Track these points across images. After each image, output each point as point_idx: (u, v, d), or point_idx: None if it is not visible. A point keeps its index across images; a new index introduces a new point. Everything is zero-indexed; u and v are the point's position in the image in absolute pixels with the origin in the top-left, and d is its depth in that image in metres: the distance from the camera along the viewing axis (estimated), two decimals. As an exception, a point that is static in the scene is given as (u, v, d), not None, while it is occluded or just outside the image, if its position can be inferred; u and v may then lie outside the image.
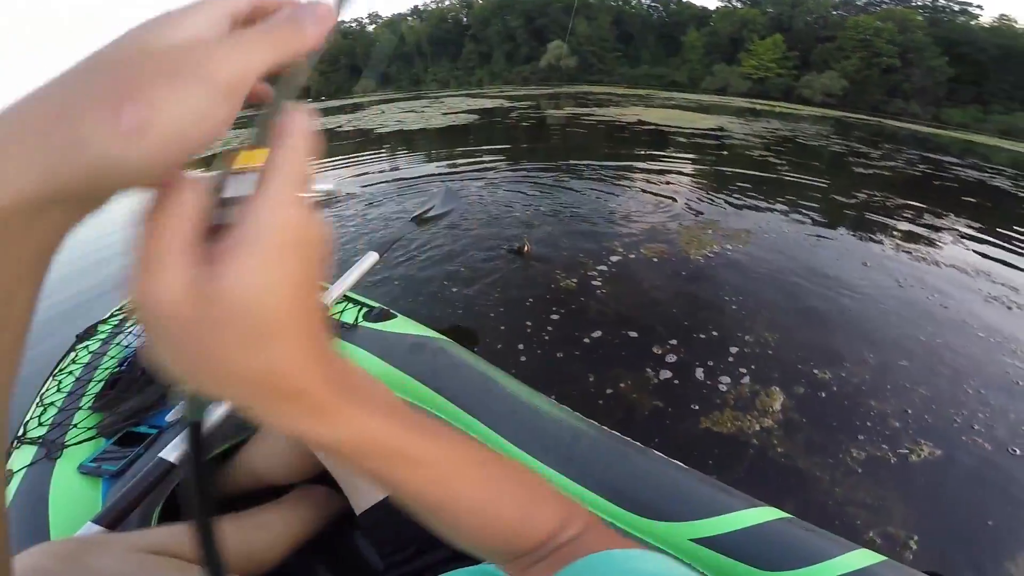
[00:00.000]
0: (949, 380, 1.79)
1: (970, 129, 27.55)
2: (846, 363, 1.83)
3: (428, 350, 0.92)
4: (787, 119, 13.58)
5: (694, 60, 44.41)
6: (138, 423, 0.83)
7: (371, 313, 1.03)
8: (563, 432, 0.76)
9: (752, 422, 1.51)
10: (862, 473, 1.37)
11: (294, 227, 0.18)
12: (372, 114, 13.68)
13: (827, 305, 2.27)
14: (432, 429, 0.29)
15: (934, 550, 1.18)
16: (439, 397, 0.84)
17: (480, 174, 4.72)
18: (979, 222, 4.00)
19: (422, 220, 1.60)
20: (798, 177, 5.30)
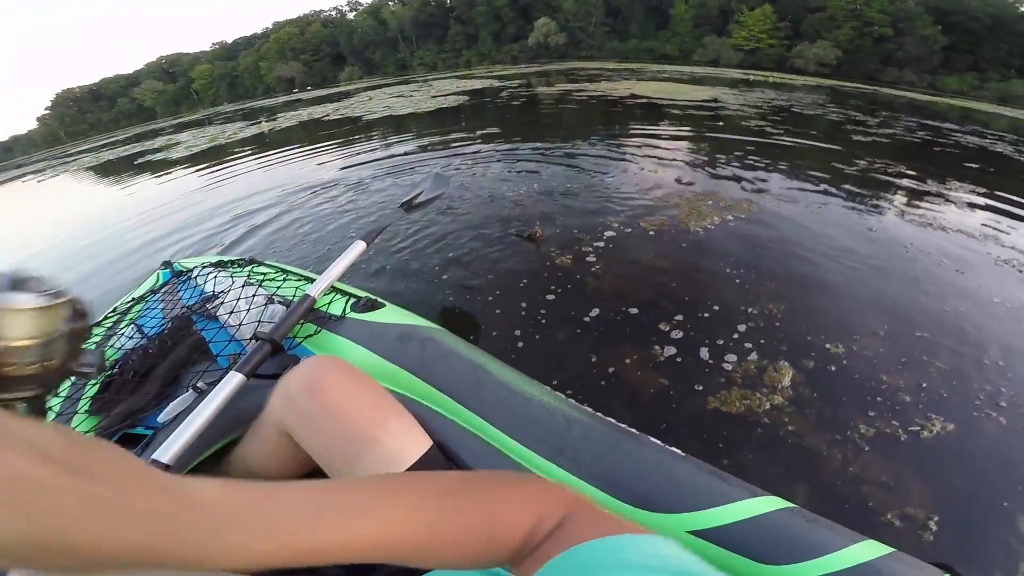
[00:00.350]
0: (966, 350, 1.70)
1: (967, 96, 27.31)
2: (856, 335, 1.74)
3: (416, 339, 0.88)
4: (781, 89, 13.36)
5: (684, 32, 43.75)
6: (133, 425, 0.82)
7: (359, 303, 1.00)
8: (556, 421, 0.73)
9: (762, 400, 1.43)
10: (876, 451, 1.30)
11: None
12: (360, 101, 13.44)
13: (834, 275, 2.18)
14: (348, 502, 0.31)
15: (953, 531, 1.12)
16: (428, 387, 0.81)
17: (473, 156, 4.61)
18: (983, 187, 3.91)
19: (411, 206, 1.52)
20: (796, 145, 5.18)
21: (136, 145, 13.05)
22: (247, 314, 0.99)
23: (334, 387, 0.67)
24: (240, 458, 0.79)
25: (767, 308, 1.88)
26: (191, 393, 0.83)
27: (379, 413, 0.68)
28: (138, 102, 75.41)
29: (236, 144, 8.30)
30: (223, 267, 1.25)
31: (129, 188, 6.18)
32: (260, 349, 0.82)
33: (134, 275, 2.76)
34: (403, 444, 0.67)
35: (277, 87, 60.93)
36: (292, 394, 0.68)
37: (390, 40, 59.93)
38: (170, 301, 1.16)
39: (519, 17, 51.01)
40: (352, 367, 0.72)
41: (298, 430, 0.68)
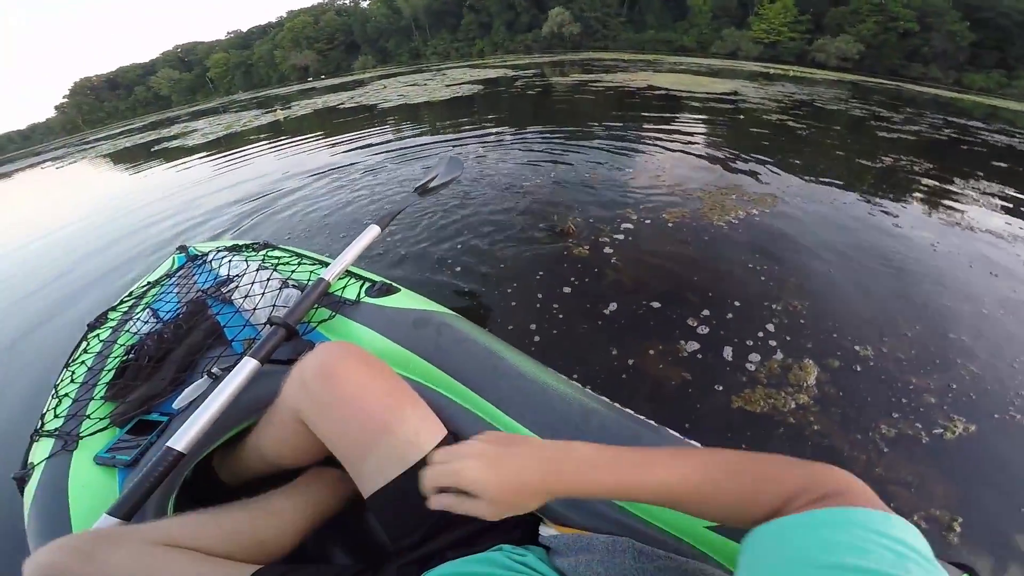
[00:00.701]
0: (997, 354, 1.66)
1: (994, 94, 26.47)
2: (884, 336, 1.70)
3: (432, 325, 0.87)
4: (802, 83, 13.05)
5: (702, 24, 42.81)
6: (148, 411, 0.82)
7: (373, 288, 0.99)
8: (572, 411, 0.71)
9: (787, 399, 1.41)
10: (901, 452, 1.28)
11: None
12: (374, 89, 13.42)
13: (860, 273, 2.13)
14: (649, 461, 0.45)
15: (979, 532, 1.10)
16: (443, 374, 0.80)
17: (490, 145, 4.57)
18: (1013, 187, 3.79)
19: (425, 190, 1.51)
20: (819, 141, 5.06)
21: (152, 132, 13.19)
22: (262, 298, 0.99)
23: (349, 374, 0.67)
24: (254, 445, 0.78)
25: (792, 305, 1.84)
26: (206, 379, 0.83)
27: (394, 400, 0.68)
28: (154, 90, 76.13)
29: (252, 132, 8.35)
30: (238, 251, 1.25)
31: (146, 174, 6.26)
32: (275, 334, 0.82)
33: (151, 260, 2.78)
34: (417, 432, 0.66)
35: (291, 75, 61.08)
36: (307, 380, 0.67)
37: (404, 29, 59.60)
38: (185, 285, 1.16)
39: (533, 6, 50.30)
40: (367, 353, 0.72)
41: (312, 417, 0.67)
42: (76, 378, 0.93)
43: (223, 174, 4.93)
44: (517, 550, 0.59)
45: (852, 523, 0.32)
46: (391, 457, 0.64)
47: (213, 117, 13.98)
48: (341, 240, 2.56)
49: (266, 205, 3.44)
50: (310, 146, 5.74)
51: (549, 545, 0.61)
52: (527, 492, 0.46)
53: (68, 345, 1.09)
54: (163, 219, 3.62)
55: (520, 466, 0.46)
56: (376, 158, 4.44)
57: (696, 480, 0.43)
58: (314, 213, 3.09)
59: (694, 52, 38.19)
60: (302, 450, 0.74)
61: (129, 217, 3.94)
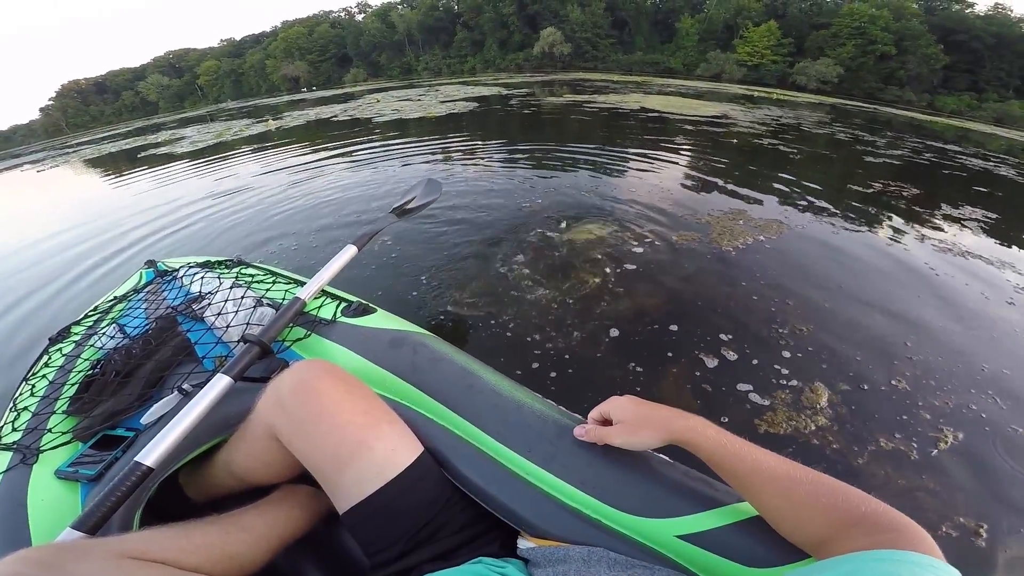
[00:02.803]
0: (998, 374, 1.74)
1: (964, 116, 27.63)
2: (895, 360, 1.77)
3: (408, 344, 0.88)
4: (785, 106, 13.46)
5: (688, 47, 44.14)
6: (114, 426, 0.81)
7: (350, 308, 0.99)
8: (547, 428, 0.73)
9: (807, 420, 1.45)
10: (916, 466, 1.34)
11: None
12: (367, 103, 13.44)
13: (861, 297, 2.20)
14: (759, 463, 0.52)
15: (1005, 537, 1.16)
16: (419, 393, 0.81)
17: (489, 164, 4.61)
18: (994, 212, 3.94)
19: (403, 212, 1.51)
20: (812, 166, 5.22)
21: (139, 138, 12.93)
22: (235, 316, 0.98)
23: (325, 391, 0.67)
24: (225, 461, 0.78)
25: (800, 329, 1.89)
26: (176, 395, 0.81)
27: (370, 418, 0.68)
28: (142, 96, 75.39)
29: (242, 142, 8.27)
30: (210, 267, 1.23)
31: (126, 182, 6.10)
32: (249, 352, 0.81)
33: (120, 273, 2.71)
34: (394, 449, 0.67)
35: (282, 86, 61.08)
36: (283, 397, 0.68)
37: (397, 43, 60.21)
38: (154, 301, 1.14)
39: (526, 26, 51.34)
40: (344, 371, 0.73)
41: (287, 434, 0.67)
42: (36, 392, 0.91)
43: (207, 185, 4.82)
44: (496, 563, 0.61)
45: (897, 562, 0.34)
46: (368, 473, 0.64)
47: (202, 125, 13.84)
48: (325, 259, 2.55)
49: (246, 220, 3.39)
50: (300, 160, 5.66)
51: (527, 557, 0.62)
52: (654, 424, 0.59)
53: (28, 359, 1.05)
54: (136, 230, 3.52)
55: (654, 406, 0.61)
56: (368, 175, 4.42)
57: (781, 474, 0.50)
58: (297, 229, 3.06)
59: (680, 74, 39.18)
60: (274, 467, 0.74)
61: (101, 227, 3.80)
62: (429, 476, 0.69)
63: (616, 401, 0.64)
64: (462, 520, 0.69)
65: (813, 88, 34.35)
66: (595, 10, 47.09)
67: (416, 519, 0.65)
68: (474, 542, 0.67)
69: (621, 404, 0.63)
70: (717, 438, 0.55)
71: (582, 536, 0.62)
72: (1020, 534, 1.18)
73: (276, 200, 3.88)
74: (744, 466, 0.52)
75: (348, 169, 4.83)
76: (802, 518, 0.48)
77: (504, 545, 0.68)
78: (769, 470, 0.51)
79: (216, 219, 3.55)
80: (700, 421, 0.57)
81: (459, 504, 0.70)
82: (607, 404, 0.65)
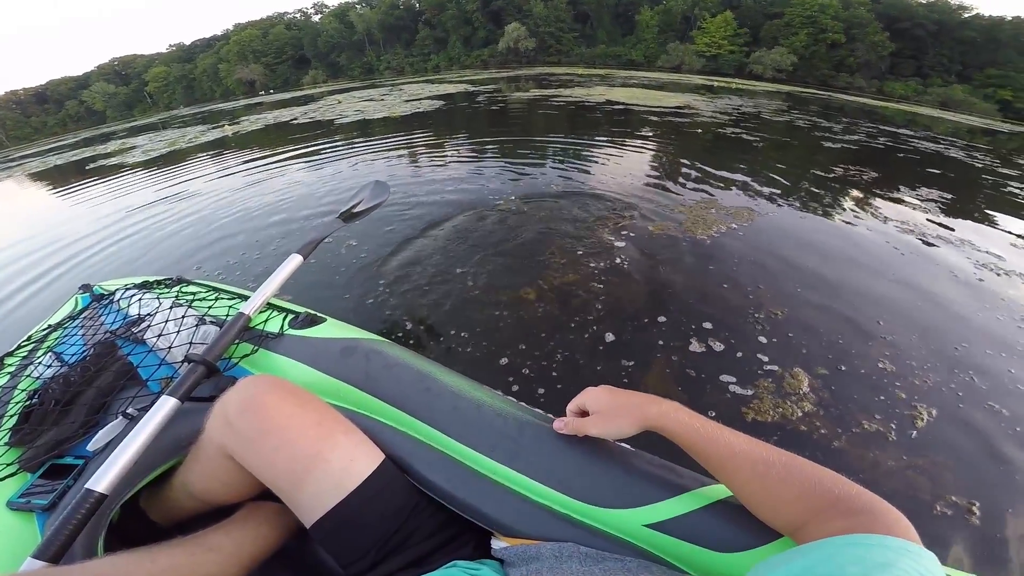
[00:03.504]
0: (969, 349, 1.81)
1: (912, 101, 28.98)
2: (869, 341, 1.82)
3: (360, 352, 0.87)
4: (745, 95, 13.80)
5: (649, 39, 44.78)
6: (61, 455, 0.79)
7: (297, 319, 0.98)
8: (508, 425, 0.73)
9: (792, 407, 1.46)
10: (907, 443, 1.37)
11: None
12: (328, 105, 13.08)
13: (831, 278, 2.26)
14: (733, 447, 0.52)
15: (998, 514, 1.18)
16: (375, 400, 0.80)
17: (456, 162, 4.52)
18: (949, 192, 4.12)
19: (350, 216, 1.48)
20: (775, 152, 5.34)
21: (87, 149, 12.21)
22: (177, 336, 0.95)
23: (274, 406, 0.66)
24: (182, 483, 0.76)
25: (775, 313, 1.91)
26: (121, 420, 0.80)
27: (324, 430, 0.67)
28: (87, 105, 71.49)
29: (197, 149, 7.87)
30: (148, 288, 1.19)
31: (73, 196, 5.66)
32: (194, 371, 0.80)
33: (59, 294, 2.54)
34: (353, 459, 0.66)
35: (237, 90, 58.97)
36: (230, 416, 0.66)
37: (356, 43, 58.96)
38: (91, 327, 1.09)
39: (490, 22, 51.04)
40: (292, 384, 0.72)
41: (240, 451, 0.66)
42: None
43: (155, 196, 4.55)
44: (471, 565, 0.61)
45: (872, 546, 0.34)
46: (327, 485, 0.63)
47: (154, 133, 13.18)
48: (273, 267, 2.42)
49: (194, 231, 3.22)
50: (258, 165, 5.44)
51: (502, 557, 0.62)
52: (628, 412, 0.59)
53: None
54: (76, 247, 3.31)
55: (628, 394, 0.62)
56: (327, 178, 4.27)
57: (755, 457, 0.50)
58: (252, 239, 2.92)
59: (642, 66, 39.73)
60: (234, 486, 0.73)
61: (39, 244, 3.56)
62: (393, 484, 0.68)
63: (591, 392, 0.65)
64: (433, 525, 0.68)
65: (769, 77, 35.39)
66: (558, 4, 47.21)
67: (385, 527, 0.65)
68: (447, 546, 0.67)
69: (596, 395, 0.64)
70: (690, 422, 0.55)
71: (553, 532, 0.62)
72: (1011, 511, 1.20)
73: (227, 209, 3.69)
74: (718, 449, 0.53)
75: (308, 171, 4.67)
76: (777, 501, 0.48)
77: (478, 547, 0.68)
78: (743, 453, 0.51)
79: (162, 232, 3.36)
80: (673, 406, 0.58)
81: (428, 509, 0.69)
82: (583, 395, 0.66)
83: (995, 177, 5.25)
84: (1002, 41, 34.95)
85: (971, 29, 35.70)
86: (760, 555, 0.54)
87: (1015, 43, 34.60)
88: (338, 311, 1.96)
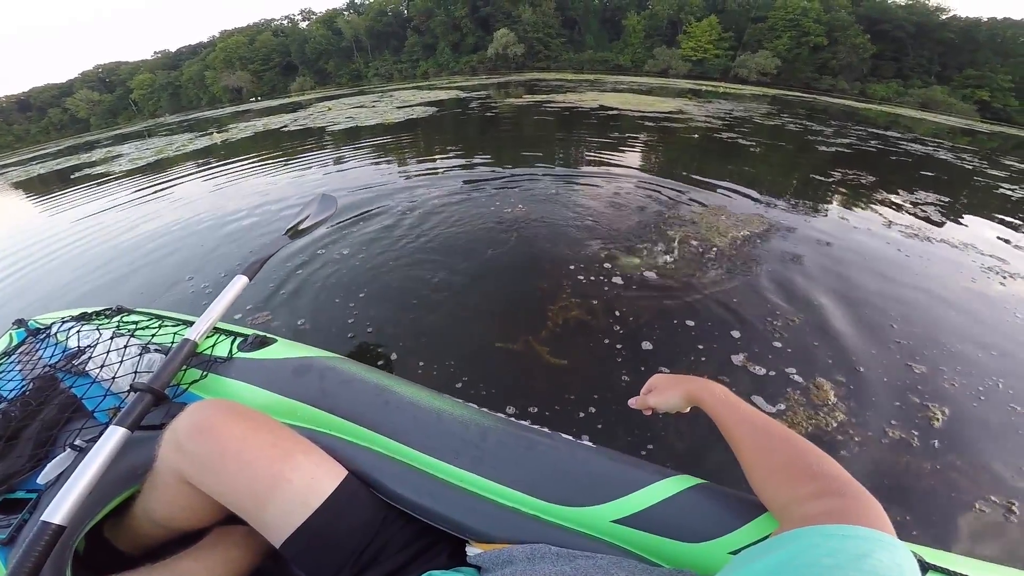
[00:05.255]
0: (970, 344, 1.85)
1: (893, 102, 29.56)
2: (889, 345, 1.82)
3: (314, 370, 0.87)
4: (733, 99, 13.98)
5: (636, 43, 45.23)
6: (11, 489, 0.78)
7: (246, 342, 0.97)
8: (470, 432, 0.75)
9: (827, 418, 1.45)
10: (938, 444, 1.38)
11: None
12: (318, 112, 12.98)
13: (853, 283, 2.28)
14: (746, 418, 0.59)
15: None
16: (333, 417, 0.80)
17: (460, 170, 4.46)
18: (946, 195, 4.17)
19: (296, 232, 1.47)
20: (772, 158, 5.40)
21: (73, 157, 11.92)
22: (121, 366, 0.94)
23: (225, 429, 0.66)
24: (144, 511, 0.75)
25: (792, 320, 1.89)
26: (70, 452, 0.79)
27: (280, 451, 0.67)
28: (71, 113, 70.31)
29: (185, 158, 7.60)
30: (87, 320, 1.17)
31: (43, 210, 5.34)
32: (140, 400, 0.79)
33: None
34: (314, 477, 0.66)
35: (223, 97, 58.44)
36: (181, 441, 0.66)
37: (344, 50, 58.76)
38: (28, 362, 1.07)
39: (479, 28, 51.15)
40: (242, 407, 0.71)
41: (197, 477, 0.66)
42: None
43: (128, 215, 4.19)
44: (447, 574, 0.60)
45: (846, 538, 0.35)
46: (291, 505, 0.63)
47: (140, 141, 12.95)
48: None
49: (159, 259, 2.90)
50: (245, 175, 5.24)
51: (477, 564, 0.62)
52: (677, 387, 0.70)
53: None
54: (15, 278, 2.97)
55: (681, 376, 0.73)
56: (341, 187, 4.19)
57: (759, 427, 0.56)
58: (225, 259, 2.76)
59: (630, 71, 40.07)
60: (197, 511, 0.72)
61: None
62: (358, 499, 0.69)
63: (655, 376, 0.76)
64: (405, 537, 0.69)
65: (754, 80, 35.90)
66: (546, 10, 47.51)
67: (355, 543, 0.65)
68: (421, 557, 0.67)
69: (658, 377, 0.75)
70: (722, 397, 0.63)
71: (525, 535, 0.63)
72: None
73: (205, 224, 3.51)
74: (733, 418, 0.59)
75: (296, 183, 4.56)
76: (766, 469, 0.52)
77: (453, 555, 0.68)
78: (750, 423, 0.57)
79: (106, 254, 3.10)
80: (712, 383, 0.67)
81: (398, 522, 0.70)
82: (650, 380, 0.76)
83: (986, 179, 5.35)
84: (979, 42, 35.80)
85: (949, 30, 36.51)
86: (728, 543, 0.56)
87: (991, 44, 35.46)
88: (329, 333, 1.91)
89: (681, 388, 0.69)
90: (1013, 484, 1.27)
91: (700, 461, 1.29)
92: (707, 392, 0.65)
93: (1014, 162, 7.11)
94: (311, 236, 2.86)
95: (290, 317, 2.02)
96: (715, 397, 0.63)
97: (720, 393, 0.64)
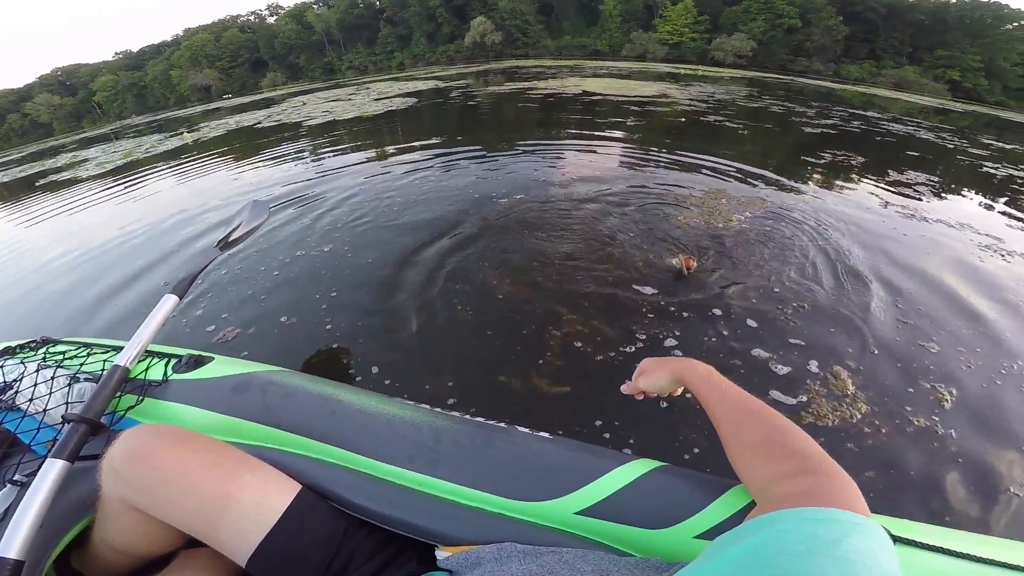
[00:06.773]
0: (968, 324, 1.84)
1: (867, 83, 29.99)
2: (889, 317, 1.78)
3: (255, 386, 0.85)
4: (713, 82, 13.99)
5: (613, 28, 45.01)
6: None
7: (181, 363, 0.95)
8: (423, 435, 0.73)
9: (850, 409, 1.41)
10: (971, 426, 1.37)
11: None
12: (292, 107, 12.59)
13: (857, 265, 2.24)
14: (727, 395, 0.59)
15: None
16: (280, 432, 0.78)
17: (447, 161, 4.30)
18: (935, 176, 4.19)
19: (227, 243, 1.39)
20: (761, 139, 5.36)
21: (36, 164, 11.33)
22: (51, 397, 0.92)
23: (163, 454, 0.64)
24: (103, 540, 0.73)
25: (802, 306, 1.82)
26: (10, 488, 0.78)
27: (224, 471, 0.65)
28: (31, 118, 67.40)
29: (154, 159, 7.24)
30: (10, 354, 1.11)
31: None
32: (76, 431, 0.78)
33: None
34: (265, 495, 0.65)
35: (192, 96, 56.59)
36: (119, 470, 0.64)
37: (316, 44, 57.33)
38: None
39: (454, 17, 50.25)
40: (180, 429, 0.70)
41: (143, 503, 0.64)
42: None
43: (105, 219, 3.90)
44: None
45: (822, 521, 0.35)
46: (245, 524, 0.62)
47: (107, 144, 12.41)
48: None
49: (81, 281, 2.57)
50: (232, 172, 5.02)
51: (448, 568, 0.61)
52: (664, 368, 0.70)
53: None
54: None
55: (667, 359, 0.72)
56: (310, 188, 3.98)
57: (739, 405, 0.57)
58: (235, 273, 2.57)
59: (608, 56, 39.90)
60: (154, 537, 0.71)
61: None
62: (316, 512, 0.67)
63: (644, 360, 0.75)
64: (371, 546, 0.67)
65: (731, 63, 36.08)
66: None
67: (321, 555, 0.63)
68: (391, 564, 0.66)
69: (646, 361, 0.75)
70: (705, 376, 0.64)
71: (491, 534, 0.61)
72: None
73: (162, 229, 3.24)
74: (716, 396, 0.60)
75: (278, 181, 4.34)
76: (744, 446, 0.52)
77: (423, 560, 0.67)
78: (732, 401, 0.58)
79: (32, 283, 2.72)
80: (698, 363, 0.67)
81: (361, 532, 0.68)
82: (640, 364, 0.75)
83: (968, 157, 5.40)
84: (949, 23, 36.49)
85: (919, 12, 37.14)
86: (691, 527, 0.56)
87: (960, 25, 36.19)
88: (331, 345, 1.77)
89: (667, 369, 0.70)
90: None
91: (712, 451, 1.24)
92: (692, 371, 0.66)
93: (992, 140, 7.23)
94: (287, 238, 2.70)
95: (261, 331, 1.83)
96: (699, 376, 0.64)
97: (704, 372, 0.65)
